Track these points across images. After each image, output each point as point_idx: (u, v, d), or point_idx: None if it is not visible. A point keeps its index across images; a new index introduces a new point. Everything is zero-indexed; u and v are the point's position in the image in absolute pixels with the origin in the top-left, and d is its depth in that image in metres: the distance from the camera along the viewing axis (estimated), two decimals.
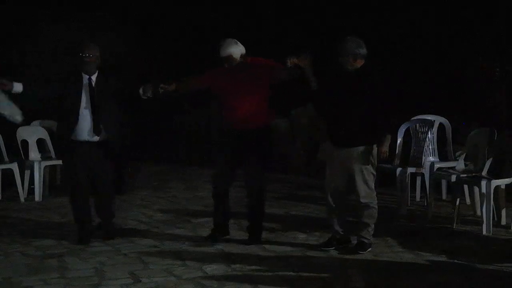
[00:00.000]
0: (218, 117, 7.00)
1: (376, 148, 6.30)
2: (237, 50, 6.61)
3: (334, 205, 6.49)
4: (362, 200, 6.31)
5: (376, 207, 6.41)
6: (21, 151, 9.78)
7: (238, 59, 6.61)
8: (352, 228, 6.55)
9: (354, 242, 6.48)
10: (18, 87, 6.58)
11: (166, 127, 14.67)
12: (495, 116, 9.45)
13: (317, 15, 12.89)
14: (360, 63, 6.30)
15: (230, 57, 6.60)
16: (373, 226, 6.40)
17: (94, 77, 6.85)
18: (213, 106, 11.98)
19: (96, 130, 6.78)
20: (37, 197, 9.49)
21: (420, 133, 8.66)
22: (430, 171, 8.20)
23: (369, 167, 6.31)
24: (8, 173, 9.53)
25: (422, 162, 8.40)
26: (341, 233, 6.52)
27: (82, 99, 6.78)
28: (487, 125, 8.27)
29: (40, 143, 9.98)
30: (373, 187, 6.37)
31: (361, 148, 6.25)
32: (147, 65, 14.08)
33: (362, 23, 11.32)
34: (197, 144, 14.03)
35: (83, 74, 6.84)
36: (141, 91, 6.82)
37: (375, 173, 6.39)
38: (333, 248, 6.46)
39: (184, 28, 14.77)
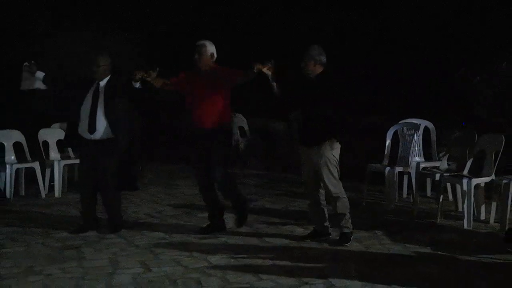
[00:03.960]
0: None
1: (339, 144, 6.34)
2: (210, 46, 6.77)
3: (311, 200, 6.55)
4: (333, 191, 6.31)
5: (346, 197, 6.41)
6: (43, 151, 9.77)
7: (208, 54, 6.73)
8: (331, 220, 6.56)
9: (333, 233, 6.52)
10: (40, 74, 6.96)
11: (174, 127, 14.65)
12: (476, 119, 9.43)
13: (301, 16, 12.85)
14: (319, 69, 6.38)
15: (202, 47, 6.73)
16: (349, 215, 6.40)
17: (102, 83, 6.93)
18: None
19: (90, 129, 6.83)
20: (57, 193, 9.48)
21: (407, 135, 8.64)
22: (416, 170, 8.19)
23: (333, 161, 6.32)
24: (31, 171, 9.53)
25: (409, 162, 8.38)
26: (321, 225, 6.55)
27: (86, 102, 6.89)
28: (469, 128, 8.26)
29: (60, 143, 9.99)
30: (338, 179, 6.37)
31: (324, 145, 6.29)
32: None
33: (357, 31, 11.31)
34: None
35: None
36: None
37: (338, 168, 6.39)
38: (314, 239, 6.47)
39: (190, 34, 14.76)
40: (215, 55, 6.83)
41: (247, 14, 14.27)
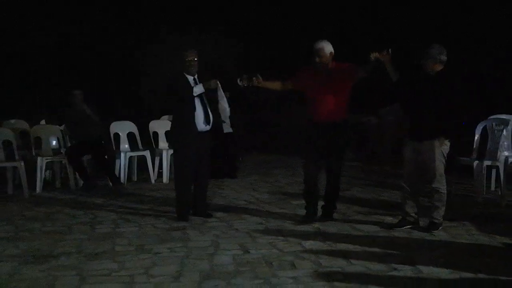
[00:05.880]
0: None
1: (448, 141, 6.17)
2: (328, 46, 6.56)
3: (409, 191, 6.39)
4: (434, 186, 6.19)
5: (445, 192, 6.27)
6: (153, 141, 10.06)
7: (327, 55, 6.56)
8: (423, 211, 6.42)
9: (423, 223, 6.37)
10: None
11: (272, 121, 14.71)
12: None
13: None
14: (439, 67, 6.18)
15: (321, 50, 6.54)
16: (443, 208, 6.26)
17: (196, 77, 6.94)
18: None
19: (207, 120, 6.87)
20: (165, 179, 9.74)
21: (496, 130, 8.34)
22: (504, 164, 7.91)
23: (441, 157, 6.18)
24: (142, 159, 9.84)
25: (497, 156, 8.09)
26: (412, 215, 6.41)
27: (195, 95, 6.82)
28: None
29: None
30: (443, 174, 6.21)
31: (435, 141, 6.14)
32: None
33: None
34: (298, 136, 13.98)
35: (186, 75, 6.90)
36: (238, 81, 6.67)
37: (445, 162, 6.23)
38: (403, 228, 6.35)
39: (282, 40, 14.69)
40: (333, 53, 6.64)
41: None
